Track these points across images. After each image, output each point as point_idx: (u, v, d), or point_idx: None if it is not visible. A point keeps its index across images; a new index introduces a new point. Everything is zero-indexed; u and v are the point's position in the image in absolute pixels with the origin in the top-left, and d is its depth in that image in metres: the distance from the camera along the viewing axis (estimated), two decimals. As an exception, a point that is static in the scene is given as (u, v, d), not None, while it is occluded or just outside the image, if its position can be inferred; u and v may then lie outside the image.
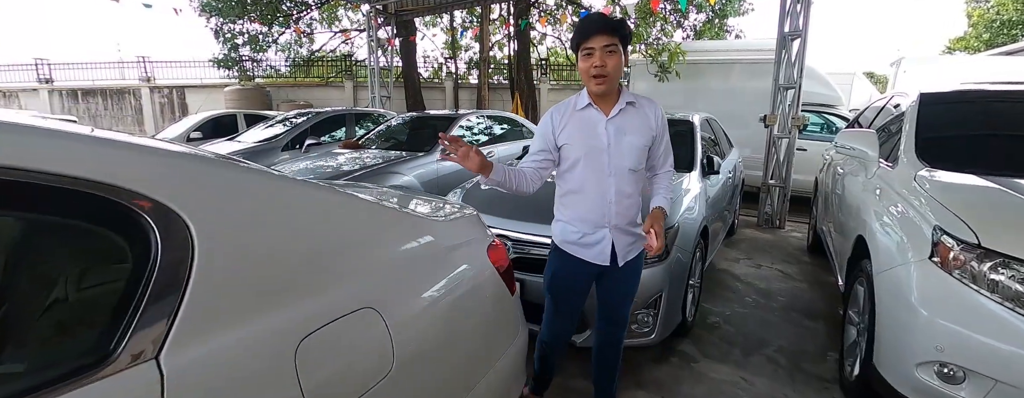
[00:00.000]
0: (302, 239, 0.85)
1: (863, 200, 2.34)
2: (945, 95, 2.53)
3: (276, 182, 0.89)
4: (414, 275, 1.04)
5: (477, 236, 1.29)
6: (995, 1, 18.15)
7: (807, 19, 4.63)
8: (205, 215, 0.72)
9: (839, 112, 6.34)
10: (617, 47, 1.39)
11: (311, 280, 0.83)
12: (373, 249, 0.98)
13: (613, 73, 1.40)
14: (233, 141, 6.41)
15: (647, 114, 1.53)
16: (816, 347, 2.54)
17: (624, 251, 1.59)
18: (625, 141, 1.50)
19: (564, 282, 1.65)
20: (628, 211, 1.55)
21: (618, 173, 1.50)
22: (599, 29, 1.37)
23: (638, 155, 1.52)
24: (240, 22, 11.41)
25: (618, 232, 1.56)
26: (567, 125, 1.52)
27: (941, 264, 1.52)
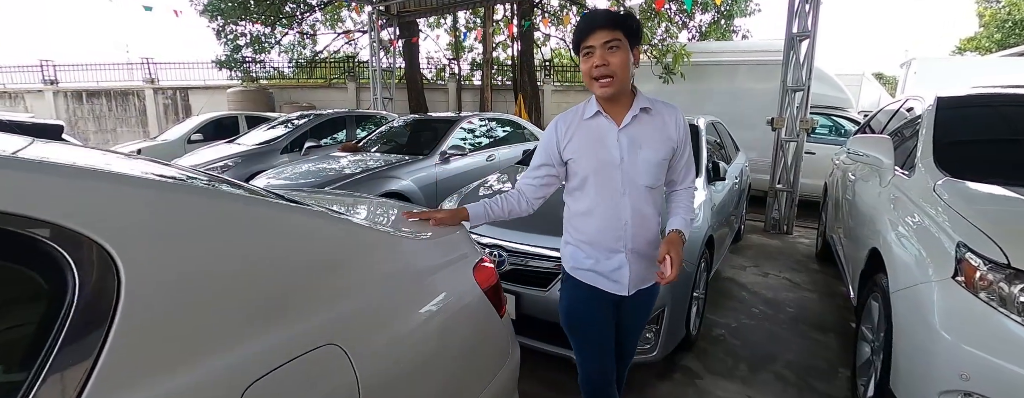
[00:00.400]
0: (254, 267, 0.76)
1: (877, 210, 2.23)
2: (963, 99, 2.41)
3: (222, 202, 0.80)
4: (386, 305, 0.93)
5: (463, 254, 1.19)
6: (1007, 0, 17.85)
7: (816, 20, 4.51)
8: (134, 243, 0.63)
9: (848, 114, 6.20)
10: (621, 42, 1.20)
11: (263, 314, 0.74)
12: (339, 275, 0.88)
13: (619, 72, 1.21)
14: (232, 143, 6.37)
15: (666, 122, 1.32)
16: (826, 363, 2.42)
17: (640, 277, 1.38)
18: (640, 155, 1.29)
19: (582, 315, 1.43)
20: (647, 232, 1.35)
21: (633, 191, 1.30)
22: (598, 24, 1.20)
23: (656, 171, 1.31)
24: (242, 23, 11.40)
25: (636, 257, 1.35)
26: (574, 136, 1.34)
27: (966, 284, 1.40)
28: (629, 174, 1.29)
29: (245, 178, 5.13)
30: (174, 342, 0.65)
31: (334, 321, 0.82)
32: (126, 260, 0.62)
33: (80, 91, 13.12)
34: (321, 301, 0.82)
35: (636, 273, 1.36)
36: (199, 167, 5.47)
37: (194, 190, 0.79)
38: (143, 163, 1.09)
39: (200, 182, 0.91)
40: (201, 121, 8.17)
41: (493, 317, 1.17)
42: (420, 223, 1.25)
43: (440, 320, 1.01)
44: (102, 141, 12.69)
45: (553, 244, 2.04)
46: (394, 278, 0.98)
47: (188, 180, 0.88)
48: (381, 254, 0.98)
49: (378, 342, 0.87)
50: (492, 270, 1.23)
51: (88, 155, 1.03)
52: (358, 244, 0.96)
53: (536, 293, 2.02)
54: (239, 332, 0.71)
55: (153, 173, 0.82)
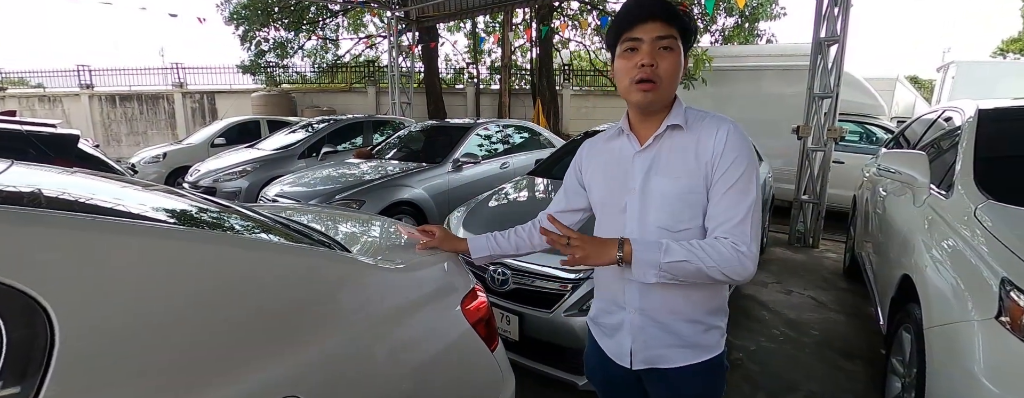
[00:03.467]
0: (203, 312, 0.70)
1: (910, 232, 2.07)
2: (1008, 111, 2.23)
3: (170, 241, 0.74)
4: (357, 348, 0.86)
5: (451, 285, 1.11)
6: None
7: (846, 23, 4.31)
8: (70, 292, 0.58)
9: (880, 122, 5.92)
10: (676, 42, 0.91)
11: (216, 365, 0.68)
12: (302, 318, 0.81)
13: (666, 79, 0.92)
14: (252, 148, 6.47)
15: (701, 140, 0.95)
16: (854, 394, 2.26)
17: (647, 352, 1.01)
18: (654, 185, 0.97)
19: (597, 373, 1.16)
20: (661, 292, 0.98)
21: (642, 234, 0.97)
22: (648, 14, 0.90)
23: (673, 207, 0.95)
24: (266, 29, 11.65)
25: (644, 321, 1.00)
26: (595, 160, 1.09)
27: (1011, 327, 1.26)
28: (639, 211, 0.98)
29: (261, 184, 5.21)
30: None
31: (296, 370, 0.75)
32: (61, 313, 0.57)
33: (113, 95, 13.63)
34: (281, 348, 0.76)
35: (642, 343, 1.01)
36: (218, 172, 5.57)
37: (137, 231, 0.74)
38: (119, 188, 1.06)
39: (160, 212, 0.86)
40: (224, 125, 8.36)
41: (482, 352, 1.09)
42: (410, 244, 1.18)
43: (419, 361, 0.94)
44: (133, 143, 13.12)
45: (557, 263, 1.96)
46: (367, 318, 0.90)
47: (147, 212, 0.83)
48: (352, 291, 0.91)
49: (346, 393, 0.80)
50: (484, 302, 1.15)
51: (61, 181, 1.00)
52: (325, 280, 0.88)
53: (540, 314, 1.93)
54: (188, 387, 0.65)
55: (115, 205, 0.77)
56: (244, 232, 0.95)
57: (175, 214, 0.98)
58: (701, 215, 0.96)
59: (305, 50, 13.45)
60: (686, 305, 0.99)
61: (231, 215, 1.06)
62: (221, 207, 1.10)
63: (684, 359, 1.01)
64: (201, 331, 0.69)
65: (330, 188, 3.91)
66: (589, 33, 13.21)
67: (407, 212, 3.99)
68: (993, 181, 1.81)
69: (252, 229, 1.00)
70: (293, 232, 1.09)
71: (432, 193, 4.21)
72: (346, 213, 1.61)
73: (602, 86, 14.43)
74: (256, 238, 0.91)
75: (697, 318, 1.01)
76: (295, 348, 0.77)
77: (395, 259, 1.06)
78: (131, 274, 0.65)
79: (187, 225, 0.90)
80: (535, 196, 3.00)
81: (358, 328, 0.88)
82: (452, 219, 2.65)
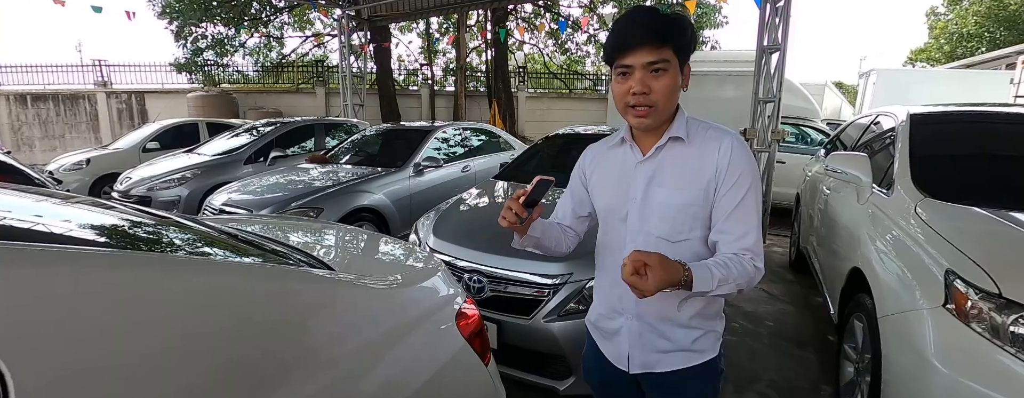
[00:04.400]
0: (175, 347, 0.62)
1: (857, 228, 2.23)
2: (935, 115, 2.46)
3: (127, 270, 0.66)
4: (351, 381, 0.78)
5: (445, 299, 1.07)
6: (955, 14, 18.97)
7: (786, 32, 4.60)
8: (22, 338, 0.50)
9: (815, 124, 6.38)
10: (670, 63, 0.91)
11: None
12: (284, 349, 0.73)
13: (661, 102, 0.92)
14: (192, 153, 6.03)
15: (704, 153, 0.96)
16: (809, 380, 2.41)
17: (645, 357, 1.03)
18: (656, 196, 0.98)
19: (594, 377, 1.18)
20: (657, 299, 0.93)
21: (642, 243, 0.98)
22: (637, 41, 0.89)
23: (674, 218, 0.97)
24: (203, 25, 10.92)
25: (641, 326, 1.02)
26: (598, 167, 1.09)
27: (957, 313, 1.38)
28: (640, 220, 0.99)
29: (203, 193, 4.86)
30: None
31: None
32: (14, 365, 0.49)
33: (24, 94, 12.27)
34: (264, 385, 0.68)
35: (640, 348, 1.03)
36: (153, 180, 5.13)
37: (99, 262, 0.65)
38: (56, 206, 0.94)
39: (103, 253, 0.76)
40: (158, 128, 7.73)
41: (478, 368, 1.05)
42: (403, 254, 1.11)
43: (415, 388, 0.88)
44: (48, 148, 11.87)
45: (537, 269, 1.95)
46: (356, 345, 0.82)
47: (89, 253, 0.73)
48: (339, 318, 0.83)
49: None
50: (476, 314, 1.11)
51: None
52: (308, 305, 0.80)
53: (519, 321, 1.92)
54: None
55: (59, 228, 0.67)
56: (214, 254, 0.86)
57: (123, 234, 0.88)
58: (700, 227, 0.98)
59: (247, 48, 12.72)
60: (683, 311, 1.01)
61: (190, 235, 0.96)
62: (180, 226, 0.99)
63: (680, 363, 1.03)
64: (166, 377, 0.61)
65: (284, 195, 3.70)
66: (543, 36, 13.38)
67: (367, 219, 3.85)
68: (928, 180, 1.98)
69: (216, 249, 0.91)
70: (266, 251, 1.00)
71: (393, 199, 4.09)
72: (316, 224, 1.51)
73: (556, 88, 14.64)
74: (229, 261, 0.82)
75: (693, 324, 1.03)
76: (279, 385, 0.70)
77: (386, 275, 1.00)
78: (111, 312, 0.57)
79: (142, 248, 0.80)
80: (506, 200, 2.98)
81: (353, 359, 0.81)
82: (421, 226, 2.57)
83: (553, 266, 1.93)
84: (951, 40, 18.54)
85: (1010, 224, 1.58)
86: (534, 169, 3.50)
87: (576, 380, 1.88)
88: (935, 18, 20.17)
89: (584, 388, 1.88)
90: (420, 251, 1.32)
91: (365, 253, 1.16)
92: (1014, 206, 1.70)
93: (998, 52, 12.94)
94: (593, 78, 14.71)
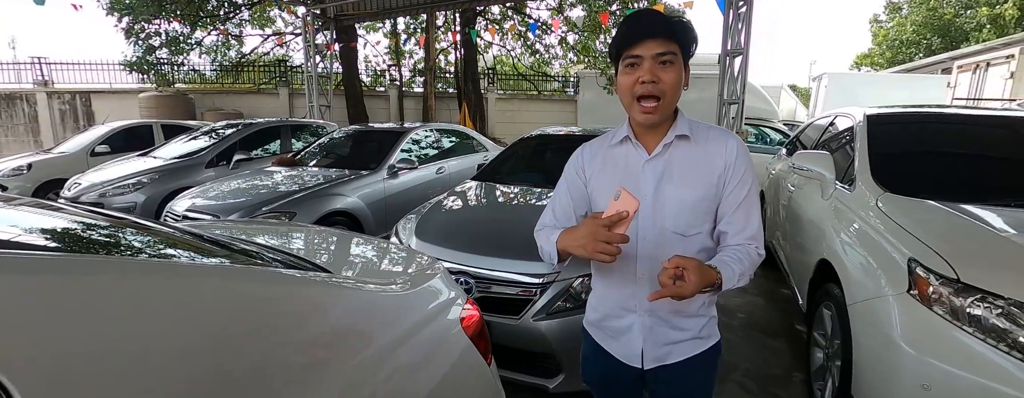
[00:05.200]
0: (189, 359, 0.59)
1: (823, 222, 2.35)
2: (890, 116, 2.63)
3: (129, 279, 0.62)
4: (356, 389, 0.75)
5: (448, 301, 1.05)
6: (895, 22, 20.33)
7: (748, 37, 4.81)
8: (30, 359, 0.47)
9: (774, 125, 6.69)
10: (676, 57, 0.95)
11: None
12: (288, 357, 0.69)
13: (669, 94, 0.97)
14: (147, 157, 5.71)
15: (711, 152, 1.02)
16: (782, 369, 2.52)
17: (658, 351, 1.07)
18: (668, 193, 1.02)
19: (597, 378, 1.19)
20: None
21: (655, 238, 1.02)
22: (648, 32, 0.94)
23: (688, 214, 1.01)
24: (157, 22, 10.37)
25: (655, 321, 1.06)
26: (600, 166, 1.11)
27: (920, 298, 1.49)
28: (653, 216, 1.02)
29: (162, 198, 4.61)
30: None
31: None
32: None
33: (-49, 94, 11.32)
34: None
35: (652, 343, 1.07)
36: (105, 185, 4.83)
37: (105, 271, 0.61)
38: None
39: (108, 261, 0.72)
40: (108, 130, 7.27)
41: (482, 368, 1.05)
42: (402, 257, 1.09)
43: (430, 387, 0.87)
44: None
45: (524, 268, 1.96)
46: (368, 350, 0.80)
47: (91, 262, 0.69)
48: (352, 322, 0.80)
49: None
50: (477, 315, 1.11)
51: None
52: (317, 307, 0.77)
53: (508, 322, 1.92)
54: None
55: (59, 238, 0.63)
56: (196, 258, 0.82)
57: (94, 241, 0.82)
58: (709, 221, 1.04)
59: (204, 46, 12.17)
60: (690, 303, 1.05)
61: (183, 242, 0.92)
62: (174, 232, 0.94)
63: (690, 351, 1.09)
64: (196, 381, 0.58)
65: (252, 200, 3.56)
66: (511, 37, 13.43)
67: (341, 222, 3.76)
68: (886, 176, 2.12)
69: (196, 254, 0.87)
70: (256, 256, 0.97)
71: (368, 201, 4.01)
72: (302, 228, 1.47)
73: (525, 90, 14.73)
74: (220, 266, 0.79)
75: (700, 313, 1.09)
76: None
77: (390, 279, 0.98)
78: (111, 329, 0.54)
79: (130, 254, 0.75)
80: (493, 201, 2.98)
81: (359, 368, 0.78)
82: (402, 228, 2.54)
83: (540, 265, 1.95)
84: (892, 46, 19.87)
85: (962, 215, 1.71)
86: (512, 170, 3.52)
87: (565, 377, 1.90)
88: (877, 25, 21.56)
89: (573, 385, 1.91)
90: (418, 254, 1.30)
91: (362, 256, 1.14)
92: (963, 199, 1.84)
93: (934, 58, 13.99)
94: (562, 80, 14.90)
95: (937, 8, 18.39)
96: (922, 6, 18.85)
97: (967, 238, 1.61)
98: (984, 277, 1.40)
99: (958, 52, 12.37)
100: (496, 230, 2.37)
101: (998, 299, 1.36)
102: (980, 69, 8.48)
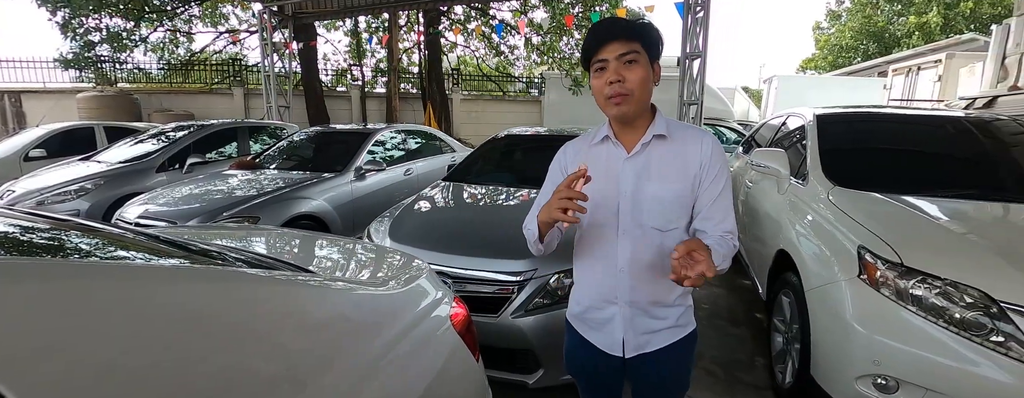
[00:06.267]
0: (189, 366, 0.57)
1: (779, 215, 2.50)
2: (837, 115, 2.83)
3: (112, 286, 0.60)
4: (349, 392, 0.73)
5: (436, 300, 1.05)
6: (835, 29, 21.72)
7: (706, 40, 5.03)
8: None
9: (730, 124, 7.01)
10: (640, 55, 1.02)
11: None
12: (277, 360, 0.67)
13: (637, 91, 1.02)
14: (90, 161, 5.35)
15: (687, 150, 1.08)
16: (745, 354, 2.66)
17: (638, 339, 1.12)
18: (647, 190, 1.07)
19: (581, 368, 1.24)
20: (651, 285, 1.09)
21: (636, 233, 1.07)
22: (611, 35, 1.01)
23: (667, 210, 1.07)
24: (96, 16, 9.70)
25: (635, 312, 1.11)
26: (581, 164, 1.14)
27: (869, 282, 1.61)
28: (632, 212, 1.07)
29: (109, 205, 4.34)
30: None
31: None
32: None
33: None
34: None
35: (633, 332, 1.12)
36: (43, 192, 4.49)
37: (94, 275, 0.58)
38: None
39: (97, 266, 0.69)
40: (44, 133, 6.75)
41: (471, 365, 1.06)
42: (386, 258, 1.08)
43: (423, 386, 0.87)
44: None
45: (500, 267, 1.98)
46: (362, 351, 0.79)
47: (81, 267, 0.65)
48: (344, 326, 0.79)
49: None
50: (465, 313, 1.12)
51: None
52: (301, 310, 0.75)
53: (487, 320, 1.93)
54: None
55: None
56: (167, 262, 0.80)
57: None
58: (685, 216, 1.09)
59: (150, 43, 11.49)
60: (669, 293, 1.12)
61: (123, 243, 0.88)
62: (139, 238, 0.90)
63: (669, 339, 1.14)
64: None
65: (212, 205, 3.40)
66: (476, 38, 13.41)
67: (308, 226, 3.65)
68: (835, 171, 2.28)
69: (162, 258, 0.84)
70: (239, 261, 0.94)
71: (335, 204, 3.92)
72: (293, 232, 1.43)
73: (490, 91, 14.74)
74: (204, 270, 0.76)
75: (677, 302, 1.14)
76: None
77: (379, 278, 0.98)
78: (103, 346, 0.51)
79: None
80: (466, 201, 2.98)
81: (353, 369, 0.77)
82: (375, 230, 2.50)
83: (517, 263, 1.98)
84: (834, 51, 21.22)
85: (903, 206, 1.87)
86: (483, 170, 3.53)
87: (545, 372, 1.93)
88: (820, 32, 22.96)
89: (552, 380, 1.95)
90: (401, 254, 1.29)
91: (347, 258, 1.13)
92: (904, 191, 2.01)
93: (871, 62, 15.08)
94: (526, 81, 15.00)
95: (872, 16, 19.81)
96: (859, 14, 20.27)
97: (909, 226, 1.76)
98: (924, 261, 1.53)
99: (893, 57, 13.39)
100: (471, 230, 2.38)
101: (936, 280, 1.49)
102: (912, 72, 9.21)
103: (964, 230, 1.71)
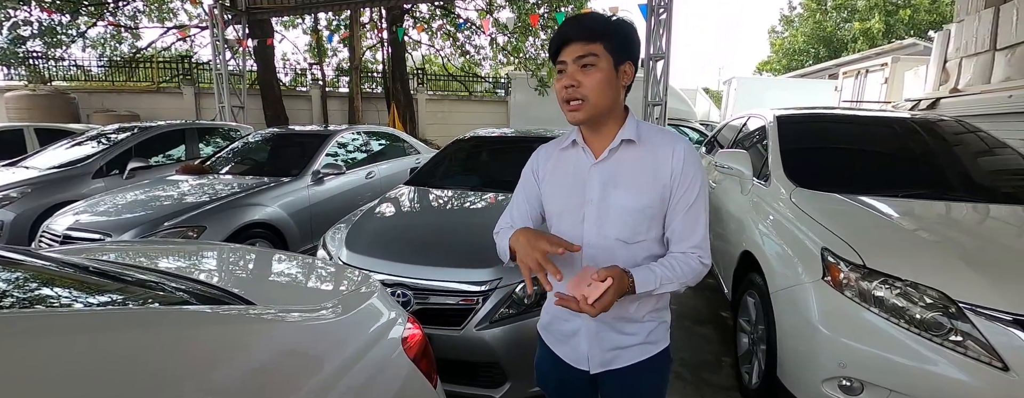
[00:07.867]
0: None
1: (743, 216, 2.52)
2: (797, 116, 2.88)
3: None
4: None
5: (387, 324, 0.95)
6: (789, 33, 22.75)
7: (669, 42, 5.08)
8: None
9: (692, 125, 7.16)
10: (599, 58, 0.94)
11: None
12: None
13: (592, 96, 0.95)
14: (16, 167, 4.89)
15: (658, 157, 0.99)
16: (713, 354, 2.66)
17: (604, 355, 1.06)
18: (614, 198, 1.00)
19: (548, 381, 1.17)
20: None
21: (599, 244, 1.01)
22: (570, 36, 0.95)
23: (633, 220, 0.99)
24: (25, 7, 8.95)
25: (599, 326, 1.04)
26: (551, 169, 1.09)
27: (833, 284, 1.61)
28: (598, 221, 1.01)
29: (37, 215, 3.97)
30: None
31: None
32: None
33: None
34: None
35: (599, 347, 1.06)
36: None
37: None
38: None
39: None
40: (-37, 136, 6.16)
41: (426, 391, 0.97)
42: (333, 277, 0.97)
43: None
44: None
45: (464, 276, 1.89)
46: (299, 393, 0.69)
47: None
48: (268, 361, 0.69)
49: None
50: (419, 335, 1.02)
51: None
52: (214, 353, 0.65)
53: (450, 333, 1.83)
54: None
55: None
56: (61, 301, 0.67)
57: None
58: (656, 227, 1.02)
59: (89, 39, 10.73)
60: (637, 309, 1.05)
61: (22, 275, 0.75)
62: (48, 265, 0.77)
63: (638, 356, 1.06)
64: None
65: (152, 214, 3.13)
66: (440, 37, 13.21)
67: (261, 236, 3.44)
68: (796, 171, 2.31)
69: (66, 291, 0.71)
70: (156, 287, 0.81)
71: (291, 211, 3.71)
72: (213, 247, 1.29)
73: (456, 91, 14.57)
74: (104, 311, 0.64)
75: (648, 318, 1.07)
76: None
77: (319, 303, 0.87)
78: None
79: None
80: (428, 207, 2.86)
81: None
82: (331, 239, 2.35)
83: (481, 272, 1.89)
84: (787, 54, 22.21)
85: (863, 207, 1.90)
86: (447, 173, 3.42)
87: (512, 385, 1.85)
88: (775, 35, 23.98)
89: (519, 393, 1.87)
90: (351, 271, 1.18)
91: (287, 279, 1.01)
92: (863, 191, 2.05)
93: (823, 65, 15.85)
94: (492, 81, 14.91)
95: (822, 22, 20.87)
96: (810, 19, 21.32)
97: (869, 227, 1.78)
98: (886, 262, 1.55)
99: (843, 60, 14.11)
100: (434, 237, 2.28)
101: (897, 281, 1.51)
102: (861, 75, 9.69)
103: (922, 230, 1.74)
